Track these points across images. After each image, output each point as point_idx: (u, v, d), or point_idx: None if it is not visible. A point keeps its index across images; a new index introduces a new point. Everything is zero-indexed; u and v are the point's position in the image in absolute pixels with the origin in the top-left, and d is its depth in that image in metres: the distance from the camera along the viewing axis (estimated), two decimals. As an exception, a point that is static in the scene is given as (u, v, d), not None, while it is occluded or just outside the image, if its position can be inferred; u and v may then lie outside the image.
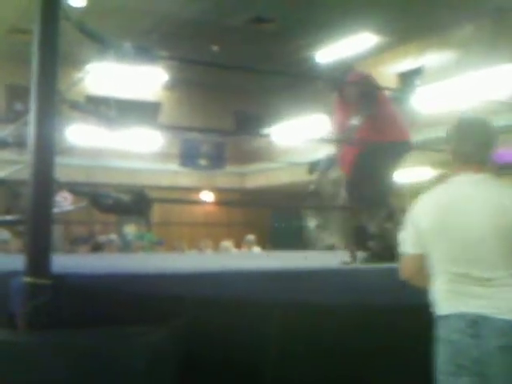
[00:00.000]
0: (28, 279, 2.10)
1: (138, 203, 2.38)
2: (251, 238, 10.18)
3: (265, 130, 13.83)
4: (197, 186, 14.29)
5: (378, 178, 3.94)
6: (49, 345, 2.04)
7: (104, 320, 2.13)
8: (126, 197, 2.38)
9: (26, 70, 2.70)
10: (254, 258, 5.69)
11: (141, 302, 2.25)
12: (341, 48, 11.93)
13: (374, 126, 3.90)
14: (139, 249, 9.95)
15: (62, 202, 5.92)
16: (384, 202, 3.95)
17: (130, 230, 12.25)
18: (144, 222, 10.58)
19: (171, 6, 10.55)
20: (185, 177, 14.32)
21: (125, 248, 10.24)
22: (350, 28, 11.13)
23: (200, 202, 14.53)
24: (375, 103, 3.96)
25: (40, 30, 2.23)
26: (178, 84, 14.67)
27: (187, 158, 14.41)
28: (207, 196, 14.62)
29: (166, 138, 13.84)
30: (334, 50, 12.07)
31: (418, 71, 12.32)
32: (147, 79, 13.96)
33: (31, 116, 2.23)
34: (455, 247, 2.27)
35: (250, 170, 14.94)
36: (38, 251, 2.15)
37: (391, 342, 2.76)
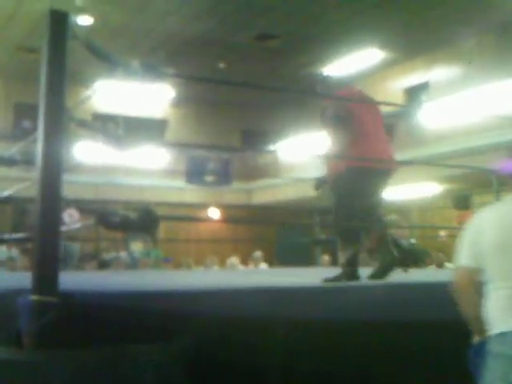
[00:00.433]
0: (35, 297, 2.09)
1: (145, 221, 2.38)
2: (258, 254, 10.17)
3: (271, 146, 13.86)
4: (203, 203, 14.28)
5: (345, 208, 3.73)
6: (56, 363, 2.03)
7: (111, 338, 2.11)
8: (133, 214, 2.38)
9: (34, 88, 2.71)
10: (262, 275, 5.67)
11: (148, 320, 2.24)
12: (347, 64, 11.97)
13: (350, 150, 3.72)
14: (146, 266, 9.93)
15: (68, 220, 5.93)
16: (352, 237, 3.77)
17: (137, 247, 12.24)
18: (150, 239, 10.57)
19: (177, 24, 10.62)
20: (191, 193, 14.32)
21: (132, 265, 10.23)
22: (355, 44, 11.17)
23: (207, 219, 14.51)
24: (348, 128, 3.74)
25: (48, 49, 2.25)
26: (184, 101, 14.73)
27: (194, 174, 14.42)
28: (214, 212, 14.61)
29: (172, 154, 13.87)
30: (339, 66, 12.11)
31: (424, 86, 12.35)
32: (154, 96, 14.03)
33: (39, 133, 2.23)
34: None
35: (257, 186, 14.94)
36: (46, 269, 2.14)
37: (394, 359, 2.74)
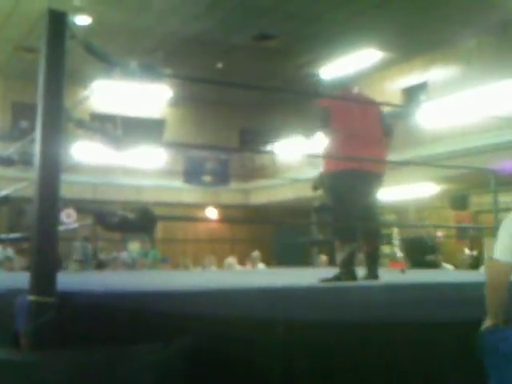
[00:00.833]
0: (32, 297, 2.09)
1: (143, 221, 2.38)
2: (256, 254, 10.18)
3: (269, 147, 13.86)
4: (201, 203, 14.29)
5: (335, 207, 3.76)
6: (53, 364, 2.02)
7: (109, 338, 2.11)
8: (130, 214, 2.37)
9: (32, 88, 2.71)
10: (260, 275, 5.67)
11: (146, 320, 2.23)
12: (345, 64, 11.97)
13: (333, 151, 3.78)
14: (144, 266, 9.93)
15: (66, 220, 5.93)
16: (347, 237, 3.73)
17: (134, 247, 12.23)
18: (148, 239, 10.57)
19: (175, 24, 10.62)
20: (189, 193, 14.33)
21: (130, 265, 10.23)
22: (354, 44, 11.18)
23: (205, 219, 14.51)
24: (327, 129, 3.81)
25: (46, 48, 2.24)
26: (182, 101, 14.73)
27: (191, 174, 14.43)
28: (211, 212, 14.61)
29: (170, 154, 13.87)
30: (338, 66, 12.11)
31: (422, 86, 12.36)
32: (152, 96, 14.02)
33: (37, 133, 2.23)
34: None
35: (254, 186, 14.95)
36: (43, 269, 2.14)
37: (393, 360, 2.74)
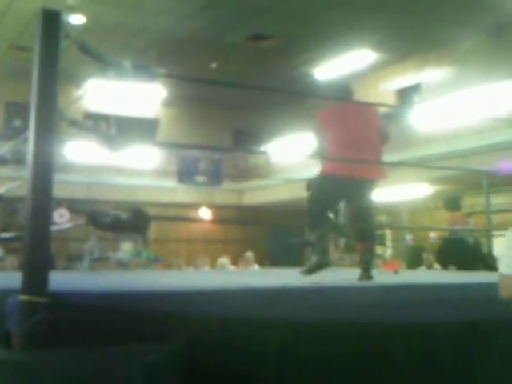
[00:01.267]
0: (24, 297, 2.08)
1: (137, 221, 2.37)
2: (249, 255, 10.17)
3: (263, 147, 13.87)
4: (194, 203, 14.28)
5: (311, 198, 4.06)
6: (45, 364, 2.01)
7: (102, 339, 2.11)
8: (124, 214, 2.37)
9: (25, 87, 2.70)
10: (254, 276, 5.66)
11: (140, 320, 2.23)
12: (339, 64, 12.00)
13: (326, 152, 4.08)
14: (136, 266, 9.90)
15: (59, 220, 5.91)
16: (315, 223, 3.98)
17: (127, 247, 12.21)
18: (141, 239, 10.55)
19: (169, 24, 10.61)
20: (183, 193, 14.32)
21: (123, 265, 10.20)
22: (348, 44, 11.21)
23: (198, 219, 14.50)
24: (320, 139, 4.17)
25: (40, 48, 2.24)
26: (176, 100, 14.71)
27: (185, 174, 14.42)
28: (205, 212, 14.61)
29: (163, 154, 13.86)
30: (332, 67, 12.14)
31: (416, 88, 12.39)
32: (145, 96, 14.01)
33: (30, 133, 2.22)
34: None
35: (248, 186, 14.95)
36: (35, 269, 2.13)
37: (389, 361, 2.75)
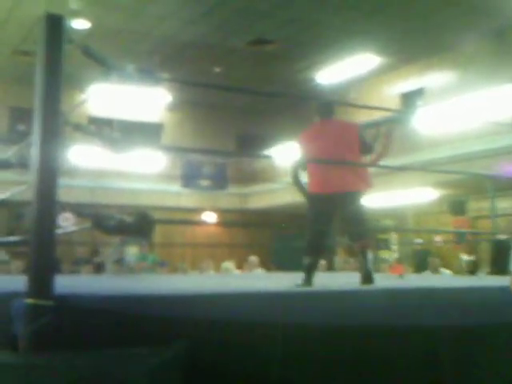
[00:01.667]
0: (30, 300, 2.08)
1: (142, 224, 2.38)
2: (253, 259, 10.16)
3: (267, 151, 13.86)
4: (199, 207, 14.29)
5: (307, 224, 4.25)
6: (50, 367, 2.02)
7: (106, 342, 2.11)
8: (129, 218, 2.37)
9: (29, 92, 2.71)
10: (257, 279, 5.66)
11: (143, 323, 2.23)
12: (342, 69, 12.00)
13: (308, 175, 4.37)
14: (141, 270, 9.92)
15: (64, 223, 5.91)
16: (307, 250, 4.14)
17: (133, 251, 12.22)
18: (146, 243, 10.56)
19: (173, 28, 10.64)
20: (187, 197, 14.32)
21: (128, 269, 10.21)
22: (351, 49, 11.21)
23: (202, 223, 14.51)
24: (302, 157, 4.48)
25: (44, 52, 2.25)
26: (180, 105, 14.74)
27: (189, 178, 14.43)
28: (209, 216, 14.61)
29: (168, 158, 13.87)
30: (335, 71, 12.14)
31: (419, 92, 12.38)
32: (150, 100, 14.03)
33: (34, 137, 2.23)
34: None
35: (252, 190, 14.95)
36: (41, 272, 2.14)
37: (392, 365, 2.74)
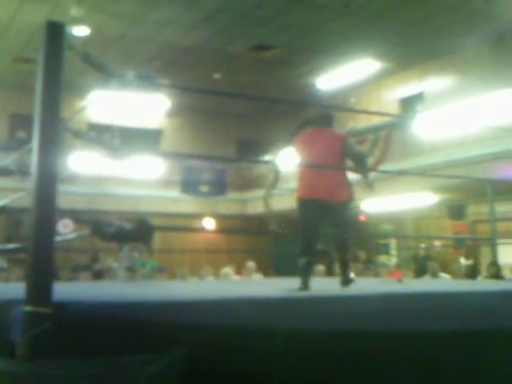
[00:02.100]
0: (29, 308, 2.08)
1: (141, 231, 2.38)
2: (251, 264, 10.16)
3: (266, 157, 13.87)
4: (198, 213, 14.29)
5: (299, 226, 4.37)
6: (48, 374, 2.02)
7: (105, 349, 2.11)
8: (128, 225, 2.37)
9: (29, 99, 2.72)
10: (255, 285, 5.66)
11: (142, 330, 2.23)
12: (342, 74, 12.02)
13: (300, 179, 4.52)
14: (141, 276, 9.89)
15: (63, 230, 5.90)
16: (301, 252, 4.23)
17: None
18: (145, 249, 10.56)
19: (173, 35, 10.66)
20: (186, 203, 14.32)
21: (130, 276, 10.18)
22: (351, 54, 11.23)
23: (202, 229, 14.50)
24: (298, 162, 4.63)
25: (44, 60, 2.25)
26: (179, 111, 14.75)
27: (188, 184, 14.44)
28: (209, 222, 14.60)
29: (167, 164, 13.88)
30: (335, 76, 12.16)
31: (419, 97, 12.40)
32: (149, 106, 14.04)
33: (34, 144, 2.24)
34: None
35: (252, 196, 14.94)
36: (39, 280, 2.14)
37: (391, 370, 2.74)
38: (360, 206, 5.02)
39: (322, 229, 4.39)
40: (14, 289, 2.84)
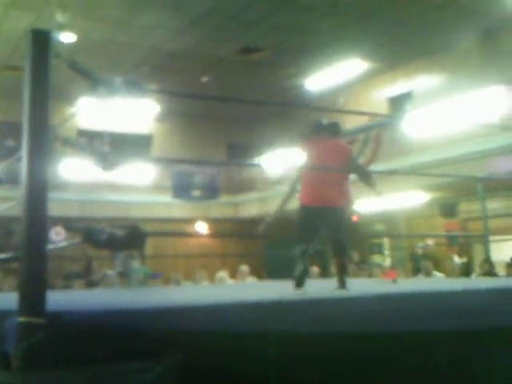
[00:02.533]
0: (22, 319, 2.06)
1: (133, 238, 2.36)
2: (244, 268, 10.16)
3: (256, 160, 13.88)
4: (191, 217, 14.26)
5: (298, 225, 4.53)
6: (44, 385, 2.00)
7: (100, 358, 2.09)
8: (120, 232, 2.36)
9: (17, 107, 2.70)
10: (251, 289, 5.65)
11: (137, 337, 2.21)
12: (330, 75, 12.04)
13: (303, 185, 4.65)
14: (135, 282, 9.85)
15: (55, 238, 5.88)
16: (297, 239, 4.44)
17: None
18: (138, 256, 10.53)
19: (160, 39, 10.65)
20: (178, 208, 14.30)
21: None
22: (339, 55, 11.26)
23: (194, 234, 14.48)
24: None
25: (31, 67, 2.23)
26: (169, 115, 14.74)
27: (180, 189, 14.41)
28: (201, 226, 14.57)
29: (158, 170, 13.85)
30: (323, 77, 12.19)
31: (408, 95, 12.44)
32: (138, 112, 14.03)
33: (23, 152, 2.22)
34: None
35: (243, 199, 14.94)
36: (32, 289, 2.12)
37: (387, 371, 2.73)
38: (352, 206, 5.05)
39: (319, 232, 4.56)
40: (7, 299, 2.81)
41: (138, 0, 9.18)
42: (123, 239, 2.37)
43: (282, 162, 13.41)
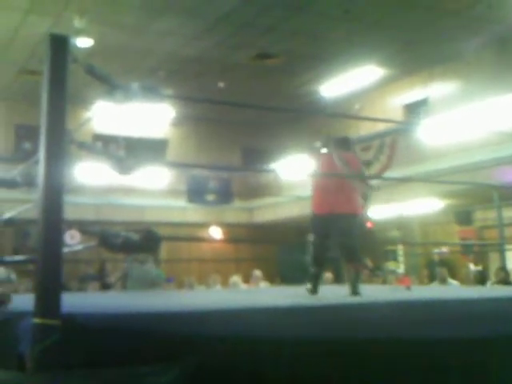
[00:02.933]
0: (37, 320, 2.08)
1: (148, 241, 2.38)
2: (257, 273, 10.16)
3: (271, 165, 13.88)
4: (205, 222, 14.28)
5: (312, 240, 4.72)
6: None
7: (115, 360, 2.10)
8: (135, 236, 2.37)
9: (35, 111, 2.73)
10: (264, 294, 5.65)
11: (152, 340, 2.22)
12: (345, 81, 12.02)
13: (314, 194, 4.81)
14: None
15: (70, 241, 5.91)
16: (311, 262, 4.65)
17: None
18: (153, 259, 10.56)
19: (176, 44, 10.70)
20: (193, 213, 14.33)
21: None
22: (354, 61, 11.23)
23: (208, 239, 14.51)
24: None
25: (49, 72, 2.26)
26: (184, 120, 14.78)
27: (195, 194, 14.44)
28: (215, 231, 14.59)
29: (173, 174, 13.89)
30: (338, 84, 12.16)
31: (423, 103, 12.38)
32: (154, 116, 14.08)
33: (40, 155, 2.24)
34: None
35: (258, 204, 14.94)
36: (48, 291, 2.14)
37: (397, 378, 2.72)
38: (367, 213, 5.11)
39: (331, 239, 4.71)
40: (23, 301, 2.84)
41: (155, 6, 9.23)
42: (138, 243, 2.38)
43: (296, 167, 13.40)
